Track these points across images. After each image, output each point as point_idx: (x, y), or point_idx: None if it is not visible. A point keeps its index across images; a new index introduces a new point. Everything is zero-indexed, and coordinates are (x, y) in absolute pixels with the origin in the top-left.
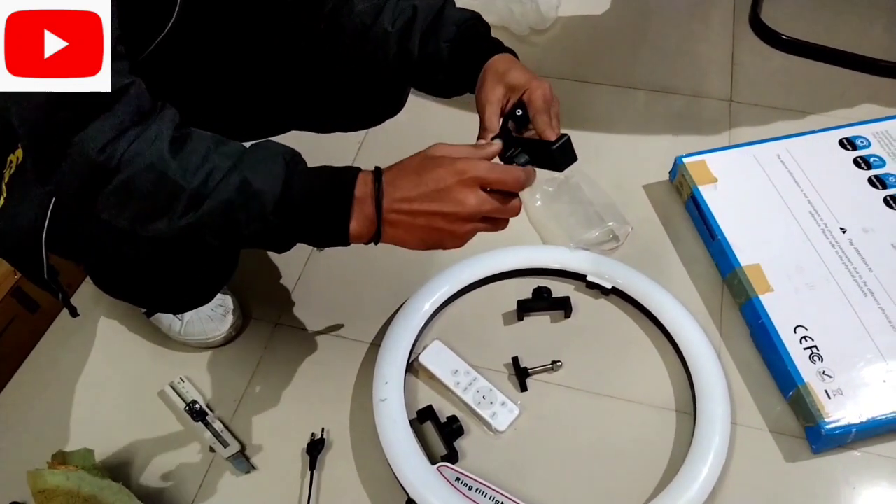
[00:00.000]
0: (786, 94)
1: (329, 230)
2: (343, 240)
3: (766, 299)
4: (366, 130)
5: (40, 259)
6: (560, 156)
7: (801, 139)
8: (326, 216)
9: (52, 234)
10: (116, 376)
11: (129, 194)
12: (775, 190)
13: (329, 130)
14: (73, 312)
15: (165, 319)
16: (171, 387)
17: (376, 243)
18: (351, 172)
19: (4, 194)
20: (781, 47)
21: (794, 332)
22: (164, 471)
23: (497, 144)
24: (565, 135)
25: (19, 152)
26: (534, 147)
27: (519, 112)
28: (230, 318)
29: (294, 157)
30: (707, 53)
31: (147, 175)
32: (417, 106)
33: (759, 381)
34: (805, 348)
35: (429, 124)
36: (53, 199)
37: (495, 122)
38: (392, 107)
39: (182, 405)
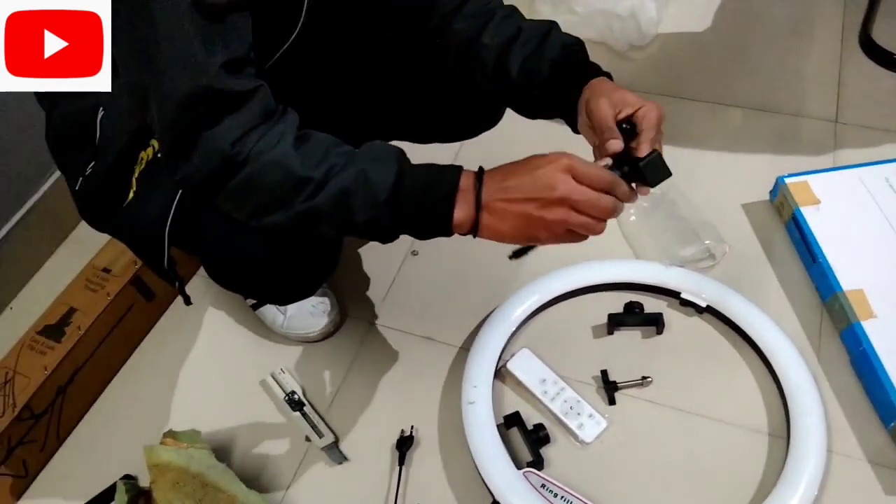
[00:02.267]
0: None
1: (434, 218)
2: (447, 227)
3: (868, 325)
4: (461, 143)
5: (162, 250)
6: (650, 171)
7: None
8: (433, 204)
9: (174, 226)
10: (222, 364)
11: (254, 186)
12: (882, 214)
13: (428, 141)
14: (187, 301)
15: (269, 313)
16: (272, 377)
17: (475, 235)
18: (456, 168)
19: (134, 188)
20: (893, 68)
21: None
22: (263, 456)
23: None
24: (655, 150)
25: (149, 150)
26: (628, 162)
27: (626, 126)
28: (329, 315)
29: (404, 155)
30: (812, 73)
31: (272, 169)
32: (512, 119)
33: (859, 409)
34: None
35: (521, 137)
36: (178, 194)
37: (613, 127)
38: (489, 120)
39: (282, 395)
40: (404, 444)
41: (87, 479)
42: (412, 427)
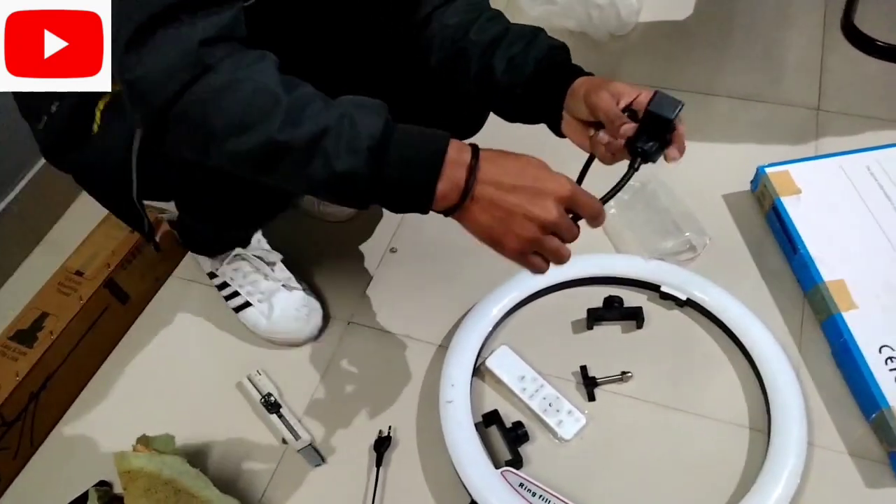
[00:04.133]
0: (879, 104)
1: (417, 185)
2: (428, 198)
3: (849, 316)
4: None
5: (130, 182)
6: (663, 105)
7: (892, 150)
8: (418, 169)
9: (140, 156)
10: (198, 367)
11: (218, 100)
12: (863, 203)
13: None
14: (157, 247)
15: (252, 317)
16: (249, 379)
17: (447, 215)
18: (444, 135)
19: (98, 122)
20: (877, 54)
21: (880, 351)
22: (239, 459)
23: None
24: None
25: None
26: (646, 124)
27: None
28: (314, 320)
29: (388, 110)
30: (794, 60)
31: (244, 83)
32: (494, 126)
33: (840, 401)
34: (891, 369)
35: (503, 145)
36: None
37: (621, 114)
38: (471, 127)
39: (258, 397)
40: (382, 444)
41: (61, 486)
42: (390, 427)
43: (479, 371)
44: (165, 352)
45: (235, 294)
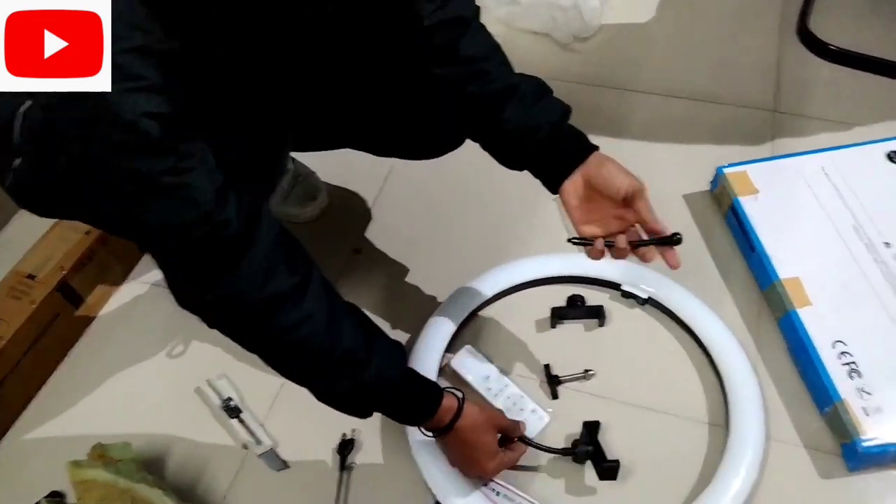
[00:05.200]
0: (832, 106)
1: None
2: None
3: (804, 313)
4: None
5: None
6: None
7: (846, 151)
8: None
9: None
10: (155, 372)
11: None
12: (818, 203)
13: (388, 155)
14: None
15: None
16: (208, 383)
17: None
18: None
19: None
20: (829, 58)
21: (833, 347)
22: (198, 466)
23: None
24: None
25: None
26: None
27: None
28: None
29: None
30: (752, 63)
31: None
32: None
33: (796, 395)
34: (843, 364)
35: (465, 146)
36: None
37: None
38: (455, 141)
39: (218, 402)
40: (346, 447)
41: (12, 498)
42: (353, 430)
43: (443, 371)
44: (121, 357)
45: None
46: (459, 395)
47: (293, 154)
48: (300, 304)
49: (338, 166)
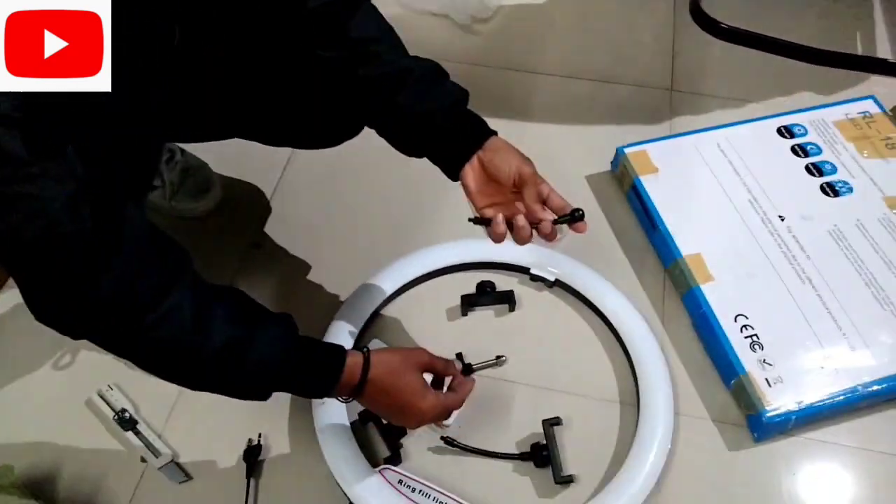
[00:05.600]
0: (725, 83)
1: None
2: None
3: (707, 289)
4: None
5: None
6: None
7: (740, 127)
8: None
9: None
10: (39, 386)
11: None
12: (715, 179)
13: (283, 144)
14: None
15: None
16: (99, 395)
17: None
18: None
19: None
20: (721, 36)
21: (735, 321)
22: (93, 484)
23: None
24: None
25: None
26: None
27: None
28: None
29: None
30: (648, 43)
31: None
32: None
33: (702, 370)
34: (746, 337)
35: (364, 133)
36: None
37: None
38: (352, 130)
39: (111, 414)
40: (252, 453)
41: None
42: (260, 435)
43: None
44: (0, 371)
45: None
46: (364, 349)
47: (182, 146)
48: (163, 303)
49: (232, 157)
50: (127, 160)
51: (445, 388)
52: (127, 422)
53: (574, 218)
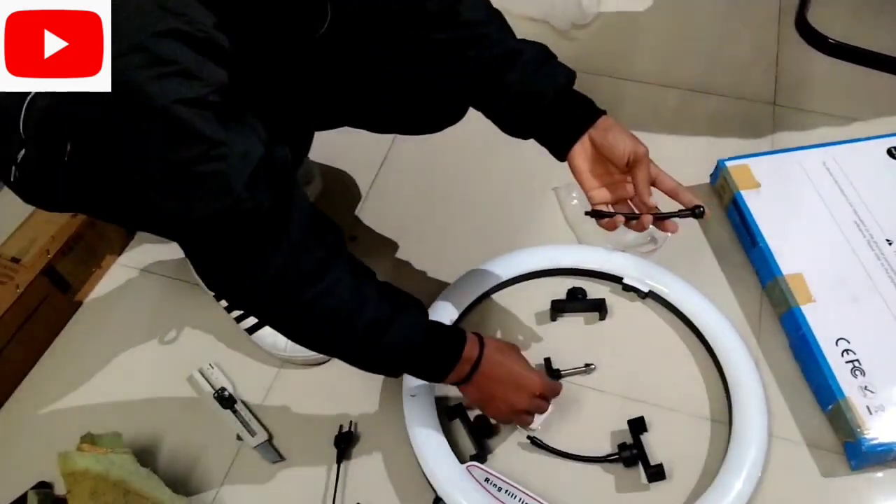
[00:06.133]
0: (832, 100)
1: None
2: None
3: (807, 310)
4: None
5: None
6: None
7: (847, 146)
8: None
9: None
10: (145, 360)
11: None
12: (820, 198)
13: (388, 131)
14: None
15: (269, 337)
16: (200, 373)
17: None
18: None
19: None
20: (828, 51)
21: (836, 344)
22: (191, 457)
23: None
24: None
25: None
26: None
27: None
28: None
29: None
30: (750, 55)
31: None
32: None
33: (798, 393)
34: (847, 362)
35: (461, 133)
36: None
37: (649, 202)
38: (455, 116)
39: (211, 392)
40: (343, 439)
41: None
42: (351, 422)
43: None
44: (110, 344)
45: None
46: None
47: None
48: (325, 277)
49: (332, 150)
50: (288, 143)
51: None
52: (226, 400)
53: (695, 214)
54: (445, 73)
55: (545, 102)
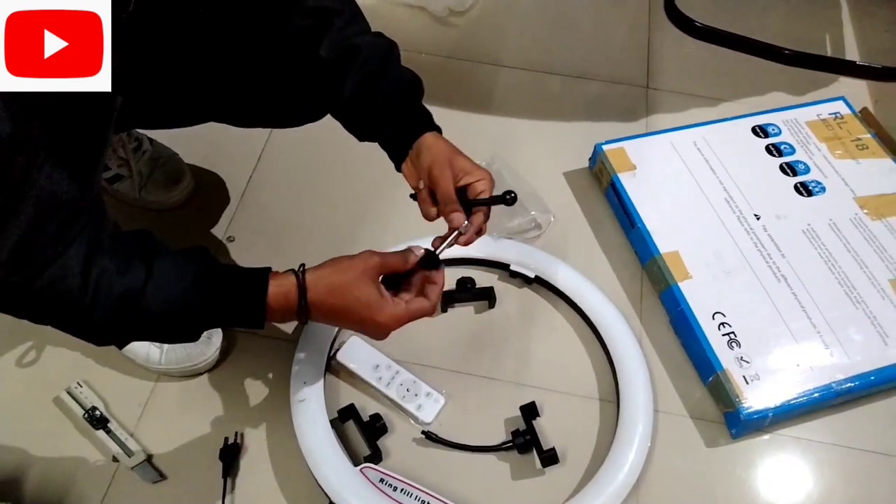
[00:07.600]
0: (700, 82)
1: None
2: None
3: (685, 286)
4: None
5: None
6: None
7: (716, 126)
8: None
9: None
10: (4, 384)
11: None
12: (692, 177)
13: (249, 125)
14: None
15: (142, 349)
16: (68, 392)
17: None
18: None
19: None
20: (695, 34)
21: (713, 318)
22: (62, 486)
23: (420, 251)
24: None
25: None
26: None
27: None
28: (215, 340)
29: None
30: (624, 40)
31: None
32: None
33: (680, 368)
34: (723, 334)
35: (339, 139)
36: None
37: (456, 200)
38: (317, 113)
39: (81, 412)
40: (229, 452)
41: None
42: (237, 433)
43: (331, 367)
44: None
45: None
46: (296, 268)
47: (150, 135)
48: (49, 269)
49: (204, 147)
50: (50, 120)
51: (415, 291)
52: (97, 420)
53: (506, 201)
54: (287, 67)
55: (376, 112)
